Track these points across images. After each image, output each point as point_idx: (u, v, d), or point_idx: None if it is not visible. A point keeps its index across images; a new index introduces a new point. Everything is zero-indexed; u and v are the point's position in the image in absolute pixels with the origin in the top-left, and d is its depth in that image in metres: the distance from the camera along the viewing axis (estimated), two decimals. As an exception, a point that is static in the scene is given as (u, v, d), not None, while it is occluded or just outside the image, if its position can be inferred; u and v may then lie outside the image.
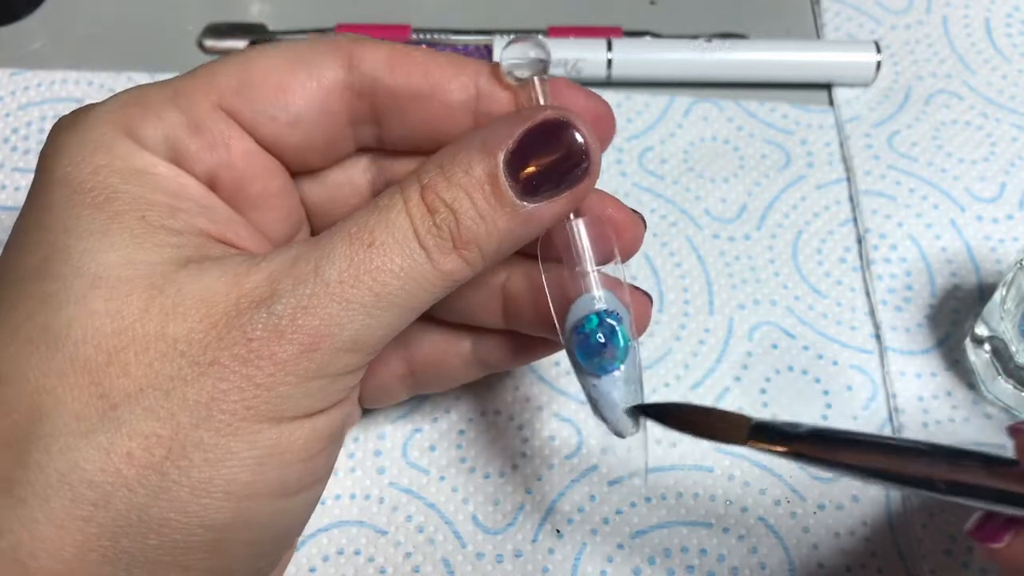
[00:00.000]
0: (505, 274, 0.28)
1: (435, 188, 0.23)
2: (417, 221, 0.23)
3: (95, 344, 0.22)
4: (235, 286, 0.22)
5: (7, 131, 0.41)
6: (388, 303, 0.23)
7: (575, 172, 0.24)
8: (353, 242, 0.23)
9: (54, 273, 0.22)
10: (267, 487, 0.23)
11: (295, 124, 0.26)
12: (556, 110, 0.24)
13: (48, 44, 0.44)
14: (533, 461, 0.34)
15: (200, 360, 0.22)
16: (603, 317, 0.26)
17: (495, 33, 0.44)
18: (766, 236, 0.39)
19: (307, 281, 0.22)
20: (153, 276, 0.22)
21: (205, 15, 0.45)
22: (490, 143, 0.24)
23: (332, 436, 0.24)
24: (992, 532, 0.24)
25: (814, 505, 0.33)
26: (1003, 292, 0.34)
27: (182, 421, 0.21)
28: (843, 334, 0.37)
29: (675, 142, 0.42)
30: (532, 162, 0.24)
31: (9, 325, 0.22)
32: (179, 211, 0.24)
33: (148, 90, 0.25)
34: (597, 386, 0.26)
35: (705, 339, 0.37)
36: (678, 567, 0.32)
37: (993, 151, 0.41)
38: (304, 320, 0.22)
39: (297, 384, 0.22)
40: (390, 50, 0.26)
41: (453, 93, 0.26)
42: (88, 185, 0.23)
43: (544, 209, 0.24)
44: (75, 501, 0.21)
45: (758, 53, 0.43)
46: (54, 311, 0.22)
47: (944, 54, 0.44)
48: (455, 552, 0.32)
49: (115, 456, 0.21)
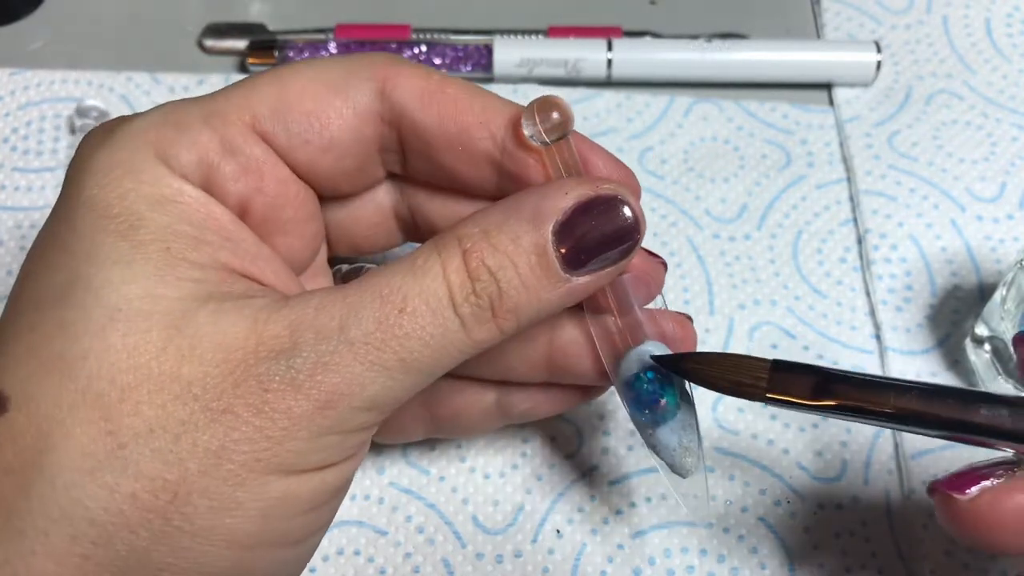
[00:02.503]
0: (548, 326, 0.27)
1: (480, 254, 0.23)
2: (455, 288, 0.23)
3: (109, 379, 0.21)
4: (254, 332, 0.22)
5: (7, 131, 0.41)
6: (414, 369, 0.23)
7: (623, 247, 0.24)
8: (384, 305, 0.22)
9: (75, 301, 0.22)
10: (270, 537, 0.22)
11: (328, 149, 0.26)
12: (610, 186, 0.24)
13: (48, 44, 0.44)
14: (533, 461, 0.34)
15: (213, 407, 0.21)
16: (651, 376, 0.26)
17: (495, 33, 0.44)
18: (766, 236, 0.39)
19: (330, 337, 0.22)
20: (173, 313, 0.22)
21: (205, 15, 0.45)
22: (540, 213, 0.23)
23: (340, 488, 0.24)
24: (961, 484, 0.23)
25: (814, 505, 0.33)
26: (1003, 292, 0.34)
27: (190, 467, 0.21)
28: (843, 334, 0.37)
29: (675, 142, 0.42)
30: (580, 235, 0.23)
31: (26, 346, 0.22)
32: (203, 243, 0.23)
33: (182, 108, 0.25)
34: (654, 434, 0.26)
35: (705, 339, 0.37)
36: (678, 567, 0.32)
37: (993, 151, 0.41)
38: (323, 377, 0.22)
39: (310, 439, 0.22)
40: (425, 82, 0.26)
41: (478, 142, 0.26)
42: (115, 210, 0.23)
43: (588, 281, 0.24)
44: (75, 538, 0.21)
45: (758, 53, 0.43)
46: (72, 340, 0.21)
47: (944, 54, 0.44)
48: (455, 552, 0.32)
49: (119, 496, 0.21)
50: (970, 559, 0.32)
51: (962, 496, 0.23)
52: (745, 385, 0.25)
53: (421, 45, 0.44)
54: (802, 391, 0.24)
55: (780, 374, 0.25)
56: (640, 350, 0.26)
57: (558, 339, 0.27)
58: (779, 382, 0.25)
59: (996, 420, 0.23)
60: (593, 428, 0.34)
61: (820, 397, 0.24)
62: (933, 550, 0.32)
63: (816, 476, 0.34)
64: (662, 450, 0.27)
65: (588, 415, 0.35)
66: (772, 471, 0.34)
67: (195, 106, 0.25)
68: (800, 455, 0.34)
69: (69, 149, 0.41)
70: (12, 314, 0.23)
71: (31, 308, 0.22)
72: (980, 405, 0.23)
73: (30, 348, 0.22)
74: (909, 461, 0.34)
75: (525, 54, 0.42)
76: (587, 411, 0.35)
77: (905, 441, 0.34)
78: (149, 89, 0.42)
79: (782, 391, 0.24)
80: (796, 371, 0.25)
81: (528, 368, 0.28)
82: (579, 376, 0.28)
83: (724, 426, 0.35)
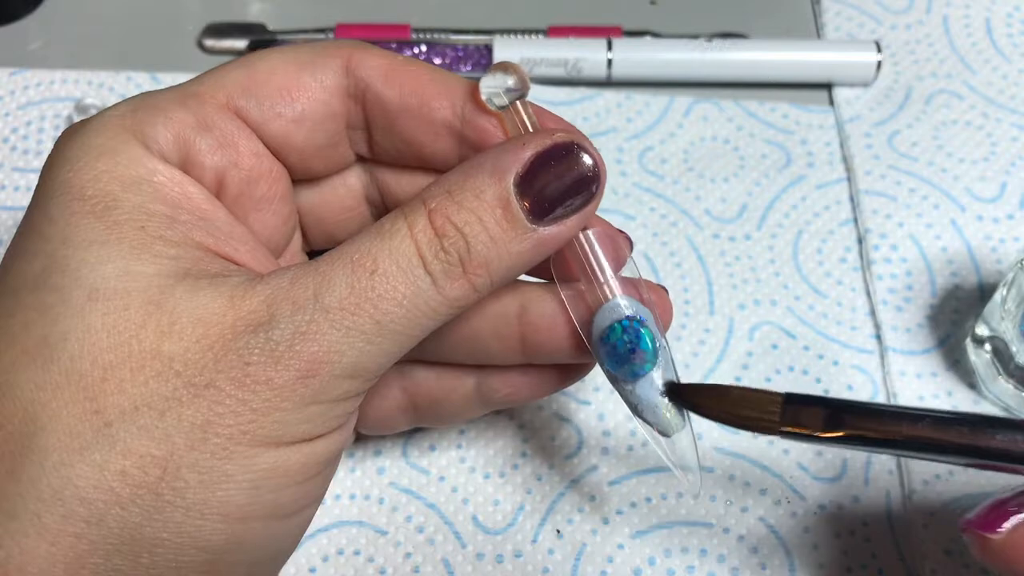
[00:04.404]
0: (517, 303, 0.27)
1: (444, 212, 0.23)
2: (423, 246, 0.23)
3: (91, 359, 0.21)
4: (232, 308, 0.22)
5: (7, 131, 0.41)
6: (389, 331, 0.23)
7: (585, 193, 0.24)
8: (356, 269, 0.23)
9: (52, 284, 0.22)
10: (262, 510, 0.23)
11: (300, 122, 0.26)
12: (565, 133, 0.24)
13: (47, 44, 0.44)
14: (533, 461, 0.34)
15: (196, 382, 0.22)
16: (626, 323, 0.26)
17: (495, 33, 0.44)
18: (766, 236, 0.39)
19: (306, 307, 0.22)
20: (150, 290, 0.22)
21: (205, 15, 0.45)
22: (500, 167, 0.24)
23: (329, 460, 0.24)
24: (992, 521, 0.23)
25: (814, 505, 0.33)
26: (1004, 292, 0.34)
27: (177, 442, 0.21)
28: (843, 334, 0.37)
29: (675, 142, 0.42)
30: (542, 185, 0.24)
31: (5, 334, 0.22)
32: (177, 223, 0.23)
33: (157, 94, 0.25)
34: (634, 390, 0.26)
35: (705, 339, 0.37)
36: (678, 567, 0.32)
37: (993, 151, 0.41)
38: (302, 346, 0.22)
39: (294, 410, 0.22)
40: (389, 60, 0.26)
41: (438, 111, 0.26)
42: (88, 192, 0.23)
43: (555, 231, 0.24)
44: (67, 518, 0.21)
45: (758, 53, 0.43)
46: (51, 323, 0.22)
47: (944, 54, 0.44)
48: (455, 552, 0.32)
49: (109, 474, 0.21)
50: (970, 559, 0.32)
51: (995, 535, 0.23)
52: (758, 420, 0.25)
53: (421, 45, 0.44)
54: (815, 424, 0.25)
55: (793, 407, 0.25)
56: (611, 303, 0.26)
57: (529, 314, 0.27)
58: (792, 416, 0.25)
59: (1012, 445, 0.23)
60: (593, 428, 0.34)
61: (833, 429, 0.24)
62: (933, 550, 0.32)
63: (816, 476, 0.34)
64: (645, 409, 0.26)
65: (588, 415, 0.35)
66: (772, 471, 0.34)
67: (169, 91, 0.25)
68: (800, 455, 0.34)
69: (69, 149, 0.41)
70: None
71: (9, 296, 0.23)
72: (995, 430, 0.23)
73: (10, 334, 0.22)
74: (909, 461, 0.34)
75: (525, 54, 0.42)
76: (587, 411, 0.35)
77: (905, 441, 0.34)
78: (149, 89, 0.42)
79: (795, 425, 0.25)
80: (808, 404, 0.25)
81: (503, 348, 0.28)
82: (554, 352, 0.28)
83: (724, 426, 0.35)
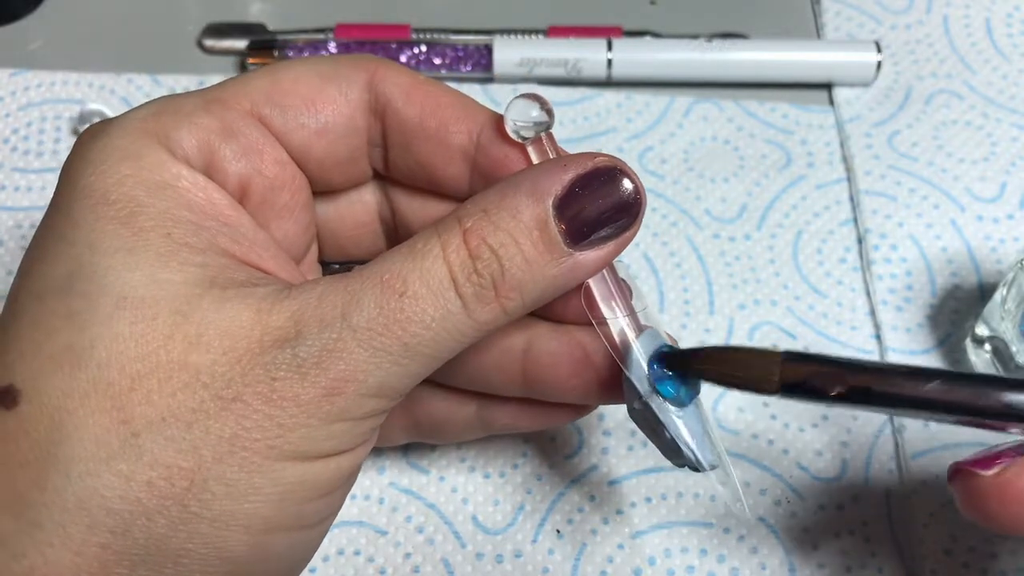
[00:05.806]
0: (524, 338, 0.27)
1: (480, 232, 0.23)
2: (456, 268, 0.23)
3: (119, 368, 0.21)
4: (259, 321, 0.22)
5: (7, 131, 0.41)
6: (417, 352, 0.23)
7: (625, 220, 0.24)
8: (385, 290, 0.22)
9: (79, 291, 0.22)
10: (286, 521, 0.23)
11: (322, 134, 0.26)
12: (607, 157, 0.24)
13: (48, 44, 0.45)
14: (533, 461, 0.34)
15: (223, 395, 0.21)
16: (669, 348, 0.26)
17: (495, 33, 0.44)
18: (766, 236, 0.39)
19: (333, 325, 0.22)
20: (178, 299, 0.22)
21: (205, 15, 0.45)
22: (540, 188, 0.23)
23: (353, 472, 0.24)
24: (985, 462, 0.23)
25: (814, 505, 0.33)
26: (1004, 292, 0.34)
27: (204, 455, 0.21)
28: (843, 334, 0.37)
29: (675, 142, 0.42)
30: (581, 208, 0.23)
31: (31, 341, 0.22)
32: (202, 229, 0.23)
33: (179, 98, 0.25)
34: (682, 418, 0.25)
35: (705, 339, 0.37)
36: (678, 567, 0.32)
37: (993, 151, 0.41)
38: (329, 364, 0.22)
39: (320, 426, 0.22)
40: (412, 79, 0.26)
41: (455, 136, 0.26)
42: (112, 196, 0.23)
43: (592, 256, 0.24)
44: (93, 528, 0.21)
45: (758, 53, 0.43)
46: (78, 330, 0.21)
47: (944, 54, 0.44)
48: (455, 552, 0.32)
49: (135, 485, 0.21)
50: (970, 559, 0.32)
51: (987, 471, 0.23)
52: (757, 380, 0.24)
53: (421, 45, 0.44)
54: (815, 382, 0.24)
55: (792, 365, 0.24)
56: (652, 331, 0.26)
57: (533, 349, 0.27)
58: (792, 374, 0.24)
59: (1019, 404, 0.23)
60: (593, 428, 0.34)
61: (834, 387, 0.24)
62: (933, 550, 0.32)
63: (816, 476, 0.34)
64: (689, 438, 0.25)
65: (588, 415, 0.35)
66: (772, 471, 0.34)
67: (192, 96, 0.25)
68: (800, 455, 0.34)
69: (69, 150, 0.41)
70: (14, 309, 0.23)
71: (34, 301, 0.22)
72: (1001, 390, 0.23)
73: (37, 341, 0.22)
74: (909, 461, 0.34)
75: (525, 54, 0.42)
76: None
77: (905, 441, 0.34)
78: (150, 91, 0.42)
79: (795, 383, 0.24)
80: (808, 362, 0.24)
81: (504, 379, 0.27)
82: (554, 390, 0.27)
83: (724, 426, 0.35)
